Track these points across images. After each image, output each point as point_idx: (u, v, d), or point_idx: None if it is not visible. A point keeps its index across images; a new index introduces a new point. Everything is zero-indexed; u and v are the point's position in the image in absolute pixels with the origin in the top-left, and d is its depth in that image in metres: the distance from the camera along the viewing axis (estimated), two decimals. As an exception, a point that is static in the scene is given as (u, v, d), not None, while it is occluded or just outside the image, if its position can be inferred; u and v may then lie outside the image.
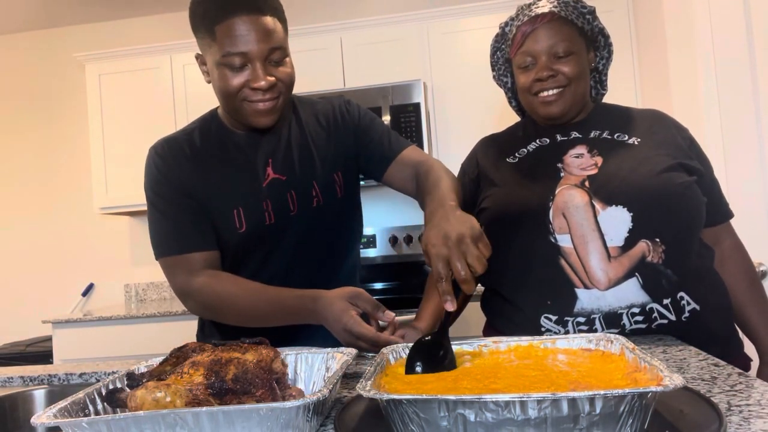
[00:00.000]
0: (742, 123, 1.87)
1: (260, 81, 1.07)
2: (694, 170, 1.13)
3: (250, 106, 1.11)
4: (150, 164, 1.19)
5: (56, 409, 0.66)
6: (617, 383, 0.66)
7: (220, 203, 1.16)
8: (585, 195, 1.09)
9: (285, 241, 1.19)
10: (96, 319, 2.77)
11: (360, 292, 1.01)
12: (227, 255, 1.18)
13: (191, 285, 1.14)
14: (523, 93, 1.22)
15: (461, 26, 2.86)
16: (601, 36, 1.23)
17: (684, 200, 1.08)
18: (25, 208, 3.58)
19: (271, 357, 0.77)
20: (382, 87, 2.78)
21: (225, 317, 1.17)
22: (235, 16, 1.05)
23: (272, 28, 1.08)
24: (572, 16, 1.16)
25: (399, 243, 3.10)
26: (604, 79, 1.28)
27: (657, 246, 1.04)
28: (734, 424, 0.62)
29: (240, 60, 1.07)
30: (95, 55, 3.14)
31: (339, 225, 1.27)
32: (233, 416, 0.61)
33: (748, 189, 1.87)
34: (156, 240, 1.17)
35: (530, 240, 1.11)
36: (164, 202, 1.16)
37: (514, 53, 1.21)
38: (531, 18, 1.16)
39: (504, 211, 1.16)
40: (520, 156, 1.23)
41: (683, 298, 1.04)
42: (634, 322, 1.04)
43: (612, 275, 1.04)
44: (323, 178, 1.23)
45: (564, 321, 1.07)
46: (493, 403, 0.57)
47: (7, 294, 3.56)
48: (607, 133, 1.18)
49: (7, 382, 1.24)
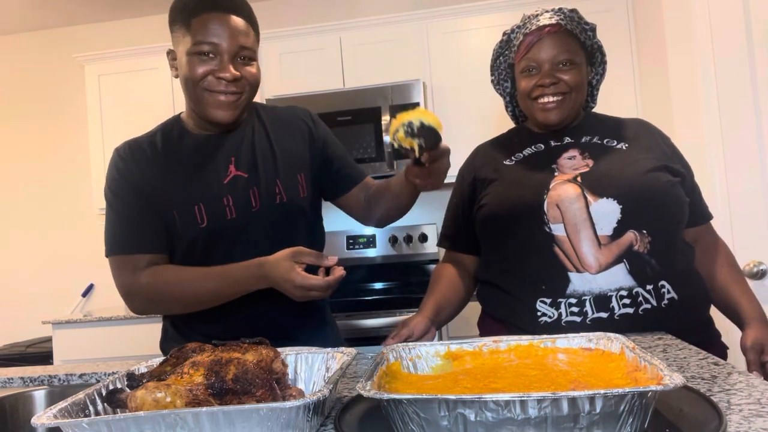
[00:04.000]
0: (741, 123, 1.87)
1: (225, 72, 1.13)
2: (678, 173, 1.21)
3: (211, 96, 1.15)
4: (111, 165, 1.23)
5: (56, 409, 0.66)
6: (617, 382, 0.66)
7: (182, 200, 1.19)
8: (578, 188, 1.17)
9: (247, 237, 1.21)
10: (96, 320, 2.77)
11: (300, 249, 1.05)
12: (192, 252, 1.20)
13: (137, 282, 1.16)
14: (524, 97, 1.29)
15: (461, 26, 2.86)
16: (598, 53, 1.30)
17: (669, 197, 1.16)
18: (25, 208, 3.57)
19: (271, 357, 0.77)
20: (382, 87, 2.78)
21: (172, 305, 1.20)
22: (213, 12, 1.13)
23: (245, 30, 1.16)
24: (576, 30, 1.23)
25: (399, 243, 3.10)
26: (595, 93, 1.36)
27: (644, 237, 1.12)
28: (734, 423, 0.62)
29: (209, 48, 1.13)
30: (95, 56, 3.13)
31: (303, 223, 1.29)
32: (233, 416, 0.61)
33: (748, 189, 1.87)
34: (107, 238, 1.21)
35: (527, 230, 1.18)
36: (119, 202, 1.19)
37: (519, 59, 1.27)
38: (538, 27, 1.22)
39: (502, 205, 1.23)
40: (516, 159, 1.30)
41: (664, 286, 1.12)
42: (622, 305, 1.10)
43: (602, 260, 1.12)
44: (286, 177, 1.25)
45: (557, 303, 1.13)
46: (494, 403, 0.57)
47: (7, 294, 3.55)
48: (597, 138, 1.26)
49: (7, 383, 1.24)
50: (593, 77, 1.33)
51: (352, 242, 3.13)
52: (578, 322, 1.11)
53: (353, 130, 2.78)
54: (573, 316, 1.11)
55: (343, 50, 2.95)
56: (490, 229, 1.27)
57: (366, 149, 2.77)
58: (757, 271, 1.83)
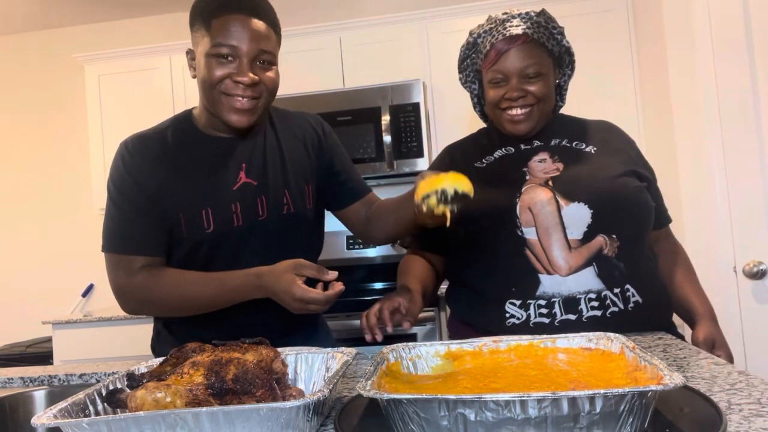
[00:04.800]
0: (741, 123, 1.87)
1: (244, 76, 1.10)
2: (644, 177, 1.24)
3: (228, 100, 1.13)
4: (117, 159, 1.19)
5: (56, 409, 0.66)
6: (617, 382, 0.66)
7: (189, 203, 1.17)
8: (549, 192, 1.18)
9: (251, 245, 1.20)
10: (96, 320, 2.77)
11: (301, 262, 1.04)
12: (195, 256, 1.19)
13: (131, 283, 1.15)
14: (492, 107, 1.29)
15: (460, 26, 2.86)
16: (566, 54, 1.30)
17: (638, 202, 1.19)
18: (25, 208, 3.57)
19: (271, 357, 0.77)
20: (382, 87, 2.78)
21: (165, 308, 1.19)
22: (235, 13, 1.10)
23: (266, 34, 1.12)
24: (543, 38, 1.23)
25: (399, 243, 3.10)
26: (564, 93, 1.36)
27: (613, 241, 1.15)
28: (734, 422, 0.62)
29: (228, 51, 1.10)
30: (94, 56, 3.13)
31: (306, 233, 1.29)
32: (233, 416, 0.61)
33: (748, 189, 1.87)
34: (106, 233, 1.19)
35: (498, 233, 1.20)
36: (122, 198, 1.17)
37: (487, 69, 1.27)
38: (506, 38, 1.22)
39: (474, 209, 1.21)
40: (487, 161, 1.31)
41: (629, 290, 1.14)
42: (590, 307, 1.12)
43: (572, 263, 1.14)
44: (295, 188, 1.25)
45: (527, 304, 1.14)
46: (494, 403, 0.57)
47: (7, 295, 3.55)
48: (566, 141, 1.28)
49: (7, 383, 1.24)
50: (561, 78, 1.33)
51: (352, 242, 3.13)
52: (546, 324, 1.12)
53: (353, 130, 2.78)
54: (542, 318, 1.12)
55: (343, 50, 2.95)
56: (460, 232, 1.26)
57: (366, 149, 2.77)
58: (757, 271, 1.83)
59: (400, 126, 2.75)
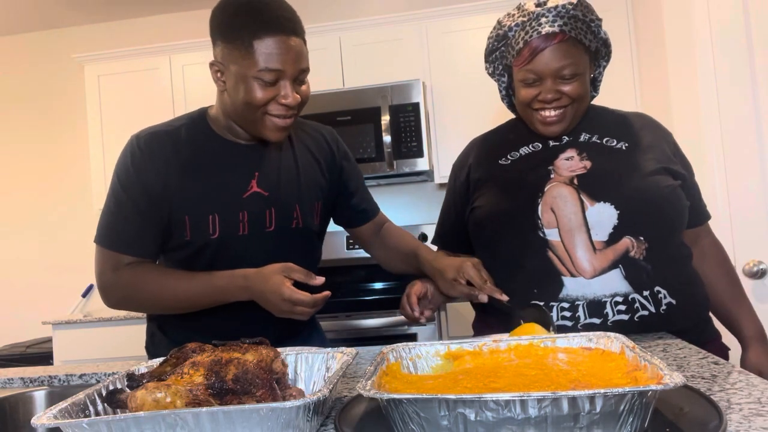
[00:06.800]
0: (741, 123, 1.87)
1: (290, 99, 1.11)
2: (679, 175, 1.17)
3: (271, 121, 1.13)
4: (127, 153, 1.17)
5: (57, 410, 0.66)
6: (617, 382, 0.66)
7: (197, 207, 1.15)
8: (573, 191, 1.13)
9: (255, 254, 1.18)
10: (96, 320, 2.77)
11: (290, 265, 1.06)
12: (196, 261, 1.18)
13: (116, 279, 1.15)
14: (523, 106, 1.22)
15: (460, 26, 2.86)
16: (603, 47, 1.23)
17: (669, 203, 1.12)
18: (25, 209, 3.57)
19: (271, 357, 0.77)
20: (381, 87, 2.78)
21: (148, 306, 1.20)
22: (277, 34, 1.08)
23: (303, 51, 1.15)
24: (581, 35, 1.15)
25: (399, 243, 3.10)
26: (598, 84, 1.29)
27: (641, 243, 1.09)
28: (734, 422, 0.62)
29: (274, 76, 1.09)
30: (94, 56, 3.13)
31: (310, 247, 1.30)
32: (233, 416, 0.61)
33: (748, 189, 1.87)
34: (101, 225, 1.18)
35: (520, 235, 1.16)
36: (124, 195, 1.15)
37: (519, 67, 1.18)
38: (541, 36, 1.13)
39: (495, 210, 1.20)
40: (512, 158, 1.25)
41: (660, 292, 1.09)
42: (617, 311, 1.08)
43: (597, 265, 1.09)
44: (307, 204, 1.25)
45: (549, 307, 1.10)
46: (494, 402, 0.57)
47: (7, 295, 3.55)
48: (596, 137, 1.21)
49: (7, 384, 1.24)
50: (596, 71, 1.25)
51: (352, 242, 3.13)
52: (569, 327, 1.08)
53: (353, 130, 2.78)
54: (564, 321, 1.09)
55: (343, 50, 2.95)
56: (482, 233, 1.25)
57: (366, 149, 2.77)
58: (757, 271, 1.83)
59: (400, 126, 2.75)
